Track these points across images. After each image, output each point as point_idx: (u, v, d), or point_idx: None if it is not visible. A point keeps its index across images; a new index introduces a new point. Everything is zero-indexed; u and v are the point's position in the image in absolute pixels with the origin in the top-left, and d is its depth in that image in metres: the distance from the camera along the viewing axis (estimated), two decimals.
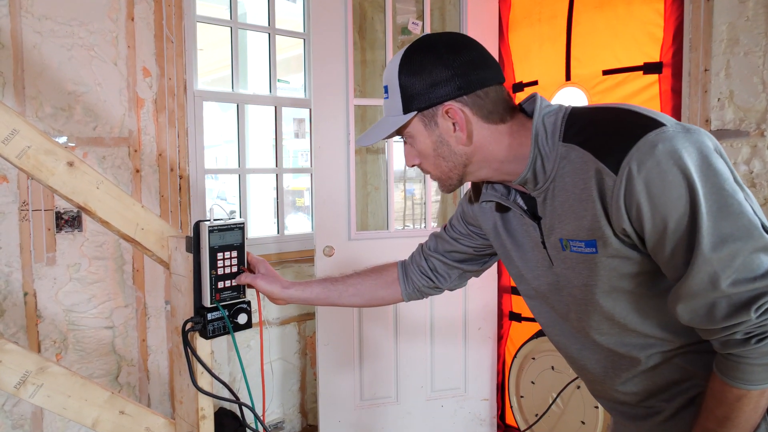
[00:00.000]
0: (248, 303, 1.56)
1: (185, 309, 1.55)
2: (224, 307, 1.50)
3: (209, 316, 1.47)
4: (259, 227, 7.06)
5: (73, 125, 2.61)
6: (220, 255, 1.48)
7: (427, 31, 3.12)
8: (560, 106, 1.11)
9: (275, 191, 3.32)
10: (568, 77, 2.90)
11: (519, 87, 3.14)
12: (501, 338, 3.33)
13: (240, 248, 1.51)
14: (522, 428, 3.08)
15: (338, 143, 2.97)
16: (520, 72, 3.14)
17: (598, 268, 1.07)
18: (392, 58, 1.22)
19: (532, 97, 1.15)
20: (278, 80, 3.31)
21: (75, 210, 2.63)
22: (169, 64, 2.84)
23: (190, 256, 1.50)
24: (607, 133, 1.00)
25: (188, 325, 1.48)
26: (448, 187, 1.22)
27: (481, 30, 3.13)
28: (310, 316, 3.38)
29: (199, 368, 1.53)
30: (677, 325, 1.06)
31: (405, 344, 3.16)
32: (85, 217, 2.66)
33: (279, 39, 3.27)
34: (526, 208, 1.18)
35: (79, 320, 2.68)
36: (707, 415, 1.03)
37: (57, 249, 2.60)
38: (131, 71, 2.75)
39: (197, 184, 2.96)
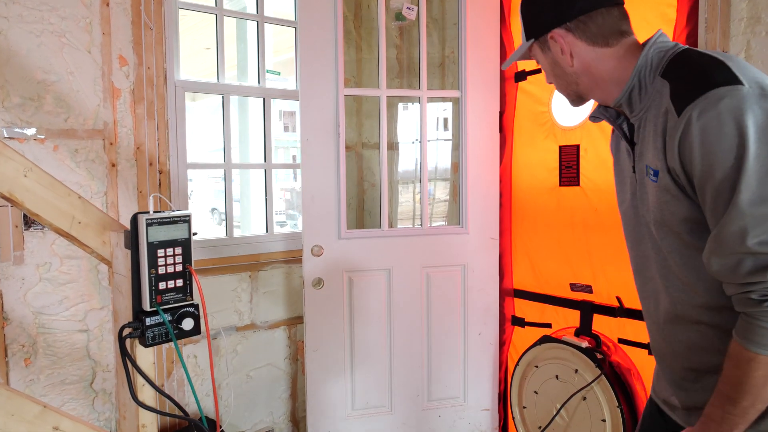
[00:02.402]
0: (196, 306, 1.38)
1: (126, 313, 1.37)
2: (167, 311, 1.32)
3: (148, 321, 1.30)
4: (258, 227, 6.88)
5: (43, 116, 2.46)
6: (161, 252, 1.30)
7: (423, 17, 2.93)
8: (676, 44, 1.17)
9: (264, 187, 3.14)
10: (572, 63, 2.69)
11: (522, 76, 2.94)
12: (503, 344, 3.12)
13: (185, 244, 1.34)
14: None
15: (327, 136, 2.79)
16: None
17: (655, 197, 1.15)
18: None
19: (657, 32, 1.22)
20: (267, 71, 3.14)
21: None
22: (148, 53, 2.69)
23: (129, 254, 1.32)
24: (688, 78, 1.06)
25: (126, 331, 1.31)
26: (571, 102, 1.42)
27: (482, 16, 2.93)
28: (300, 319, 3.20)
29: (140, 380, 1.35)
30: (710, 282, 1.10)
31: (400, 350, 2.97)
32: None
33: (283, 37, 3.10)
34: (627, 132, 1.26)
35: (50, 323, 2.52)
36: (724, 378, 1.07)
37: (25, 247, 2.45)
38: (106, 59, 2.59)
39: (178, 179, 2.79)
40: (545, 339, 2.73)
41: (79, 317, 2.59)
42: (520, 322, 3.06)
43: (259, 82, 3.11)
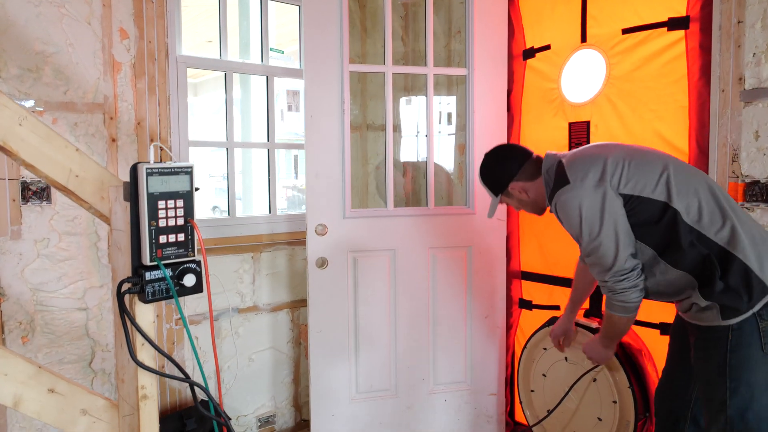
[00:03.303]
0: (198, 263, 1.32)
1: (125, 270, 1.31)
2: (168, 266, 1.27)
3: (148, 275, 1.24)
4: (260, 210, 6.79)
5: (42, 88, 2.40)
6: (162, 203, 1.25)
7: None
8: (553, 160, 1.92)
9: (267, 167, 3.09)
10: (583, 38, 2.64)
11: (530, 53, 2.88)
12: (510, 327, 3.06)
13: (187, 197, 1.28)
14: (535, 426, 2.80)
15: (332, 112, 2.73)
16: (531, 37, 2.88)
17: None
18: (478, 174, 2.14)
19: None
20: (271, 49, 3.08)
21: (44, 181, 2.42)
22: (149, 26, 2.63)
23: (128, 206, 1.27)
24: (553, 184, 1.86)
25: (124, 287, 1.25)
26: (538, 214, 2.11)
27: None
28: (304, 302, 3.14)
29: (139, 340, 1.29)
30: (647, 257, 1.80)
31: (405, 332, 2.91)
32: (55, 190, 2.45)
33: (286, 29, 3.04)
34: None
35: (48, 300, 2.47)
36: (603, 323, 1.99)
37: (23, 222, 2.40)
38: (107, 32, 2.54)
39: (180, 156, 2.74)
40: (555, 320, 2.66)
41: (78, 295, 2.53)
42: (527, 304, 3.00)
43: (262, 61, 3.05)
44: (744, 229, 1.65)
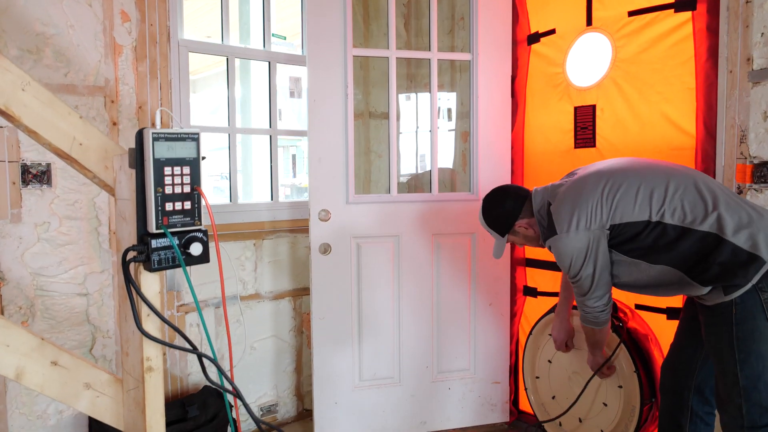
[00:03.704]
0: (204, 232, 1.29)
1: (130, 240, 1.29)
2: (174, 234, 1.24)
3: (154, 243, 1.21)
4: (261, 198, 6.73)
5: (42, 70, 2.37)
6: (168, 170, 1.22)
7: None
8: (542, 201, 2.05)
9: (269, 154, 3.06)
10: (589, 22, 2.62)
11: (535, 38, 2.86)
12: (514, 315, 3.04)
13: (194, 164, 1.26)
14: (539, 413, 2.78)
15: (335, 97, 2.70)
16: (536, 21, 2.86)
17: None
18: (479, 214, 2.22)
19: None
20: (273, 35, 3.05)
21: (44, 164, 2.39)
22: (151, 9, 2.60)
23: (134, 173, 1.24)
24: (546, 229, 2.00)
25: (130, 255, 1.22)
26: (540, 246, 2.13)
27: None
28: (306, 291, 3.11)
29: (145, 310, 1.26)
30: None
31: (408, 320, 2.88)
32: (55, 173, 2.42)
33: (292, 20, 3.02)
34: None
35: (49, 285, 2.44)
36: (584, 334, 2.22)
37: (23, 205, 2.36)
38: (108, 14, 2.51)
39: None
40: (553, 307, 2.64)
41: (78, 280, 2.50)
42: (532, 292, 2.97)
43: (264, 46, 3.03)
44: (730, 213, 1.72)
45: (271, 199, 3.07)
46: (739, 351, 1.72)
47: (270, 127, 3.06)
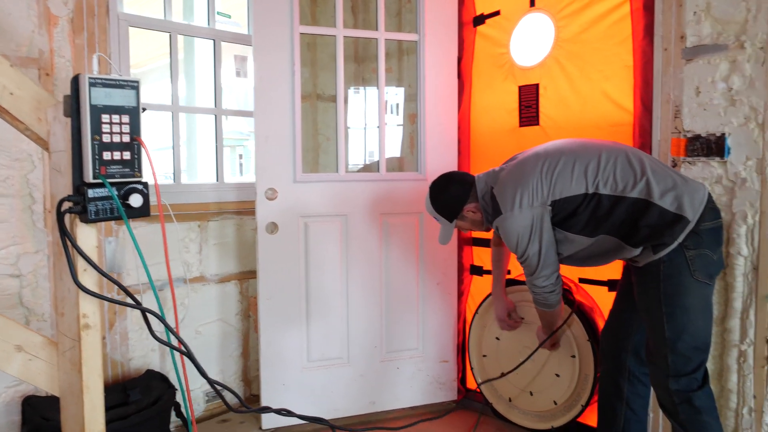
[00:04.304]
0: (145, 184, 1.25)
1: (65, 192, 1.23)
2: (113, 185, 1.19)
3: (91, 193, 1.16)
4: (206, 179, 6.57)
5: None
6: (106, 118, 1.17)
7: None
8: (485, 186, 2.14)
9: (214, 135, 3.00)
10: (532, 3, 2.67)
11: (480, 20, 2.90)
12: (461, 294, 3.07)
13: (133, 113, 1.21)
14: (486, 391, 2.81)
15: (282, 74, 2.67)
16: (481, 3, 2.90)
17: None
18: (426, 202, 2.26)
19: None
20: (218, 13, 2.99)
21: None
22: None
23: (70, 122, 1.19)
24: (492, 211, 2.10)
25: (65, 205, 1.17)
26: (486, 230, 2.23)
27: None
28: (253, 274, 3.06)
29: (81, 264, 1.21)
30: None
31: (357, 299, 2.87)
32: None
33: None
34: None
35: None
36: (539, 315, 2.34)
37: None
38: None
39: None
40: (508, 282, 2.69)
41: (10, 261, 2.38)
42: (478, 270, 3.02)
43: (209, 24, 2.96)
44: (657, 179, 1.84)
45: (217, 180, 3.01)
46: (665, 305, 1.83)
47: (215, 106, 2.99)
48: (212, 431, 2.81)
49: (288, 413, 1.91)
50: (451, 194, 2.18)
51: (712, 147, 2.17)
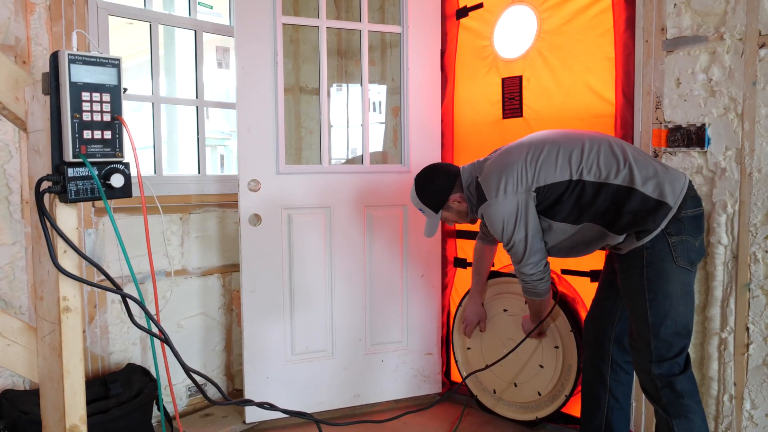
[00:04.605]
0: (126, 165, 1.23)
1: (44, 172, 1.20)
2: (93, 165, 1.17)
3: (71, 172, 1.14)
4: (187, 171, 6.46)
5: None
6: (86, 95, 1.15)
7: None
8: (470, 176, 2.16)
9: (195, 126, 2.96)
10: None
11: (463, 12, 2.91)
12: (445, 287, 3.07)
13: (114, 91, 1.19)
14: (471, 383, 2.81)
15: (265, 64, 2.65)
16: None
17: None
18: (411, 194, 2.25)
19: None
20: (199, 3, 2.96)
21: None
22: None
23: (49, 100, 1.16)
24: (476, 199, 2.09)
25: (44, 185, 1.15)
26: (471, 222, 2.28)
27: None
28: (236, 268, 3.03)
29: (61, 246, 1.19)
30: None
31: (341, 292, 2.86)
32: None
33: None
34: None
35: None
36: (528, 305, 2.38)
37: None
38: None
39: None
40: (491, 274, 2.69)
41: None
42: (462, 263, 3.02)
43: (189, 14, 2.93)
44: (639, 166, 1.86)
45: (198, 173, 2.98)
46: (648, 291, 1.85)
47: (197, 97, 2.96)
48: (195, 425, 2.78)
49: (270, 407, 1.88)
50: (436, 185, 2.18)
51: (693, 137, 2.19)
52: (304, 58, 3.41)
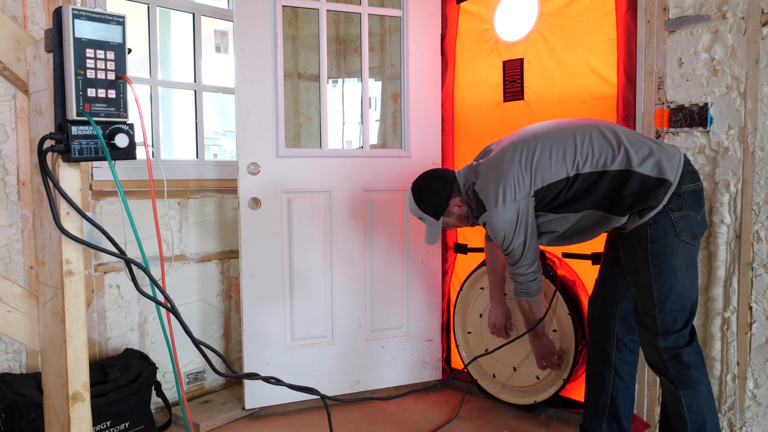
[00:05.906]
0: (131, 125, 1.20)
1: (46, 131, 1.18)
2: (98, 124, 1.15)
3: (74, 130, 1.12)
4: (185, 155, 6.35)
5: None
6: (90, 52, 1.13)
7: None
8: (467, 181, 2.13)
9: (194, 111, 2.94)
10: None
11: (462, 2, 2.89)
12: (446, 273, 3.06)
13: (119, 50, 1.17)
14: (471, 368, 2.80)
15: (265, 48, 2.63)
16: None
17: None
18: (410, 204, 2.21)
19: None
20: None
21: None
22: None
23: (51, 57, 1.14)
24: (476, 207, 2.08)
25: (47, 143, 1.12)
26: (472, 225, 2.23)
27: None
28: (235, 254, 3.00)
29: (64, 207, 1.16)
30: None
31: (341, 277, 2.84)
32: None
33: None
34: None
35: None
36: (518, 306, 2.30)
37: None
38: None
39: None
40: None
41: None
42: (462, 248, 3.00)
43: None
44: (634, 148, 1.86)
45: (197, 157, 2.95)
46: (653, 266, 1.85)
47: (195, 81, 2.94)
48: (194, 412, 2.75)
49: (277, 381, 1.86)
50: (435, 190, 2.15)
51: (695, 117, 2.19)
52: (302, 44, 3.39)
